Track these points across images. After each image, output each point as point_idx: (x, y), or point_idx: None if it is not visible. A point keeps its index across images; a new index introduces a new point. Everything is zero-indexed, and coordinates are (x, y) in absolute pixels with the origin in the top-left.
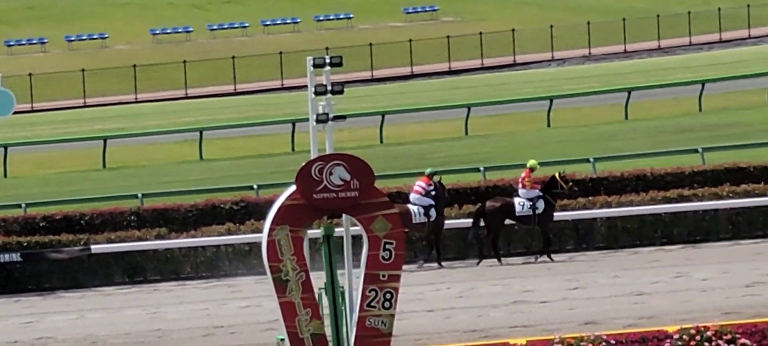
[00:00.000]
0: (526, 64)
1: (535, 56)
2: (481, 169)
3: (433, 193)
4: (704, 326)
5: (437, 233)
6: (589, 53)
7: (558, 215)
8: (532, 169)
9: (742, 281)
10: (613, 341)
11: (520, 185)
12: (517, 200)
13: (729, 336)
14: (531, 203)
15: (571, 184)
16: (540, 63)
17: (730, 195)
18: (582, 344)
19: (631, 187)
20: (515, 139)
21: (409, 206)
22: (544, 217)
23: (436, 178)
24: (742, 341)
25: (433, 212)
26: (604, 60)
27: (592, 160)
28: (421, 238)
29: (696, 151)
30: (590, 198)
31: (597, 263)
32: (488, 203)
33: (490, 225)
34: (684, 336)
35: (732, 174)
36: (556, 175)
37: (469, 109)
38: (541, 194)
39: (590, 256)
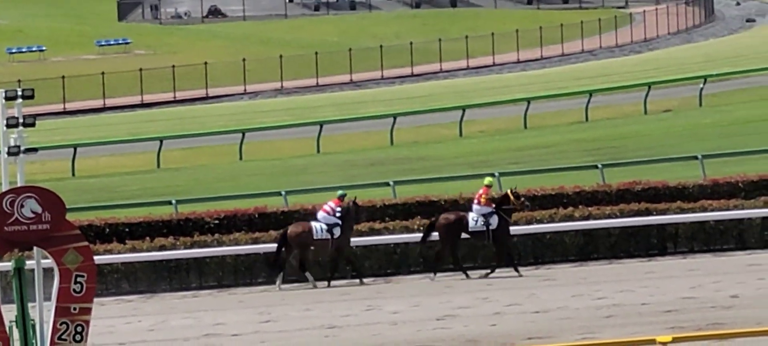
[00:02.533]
0: (218, 97)
1: (228, 89)
2: (173, 202)
3: (339, 214)
4: None
5: (340, 251)
6: (282, 87)
7: (252, 248)
8: (489, 186)
9: (433, 314)
10: None
11: (476, 202)
12: (470, 215)
13: None
14: (484, 219)
15: (522, 199)
16: (232, 96)
17: (421, 228)
18: None
19: None
20: (207, 173)
21: (313, 222)
22: (498, 232)
23: (347, 199)
24: None
25: (336, 231)
26: (297, 93)
27: (284, 193)
28: (322, 256)
29: (387, 184)
30: (282, 231)
31: (289, 296)
32: (442, 217)
33: (444, 239)
34: None
35: (423, 207)
36: (508, 191)
37: (161, 142)
38: (494, 210)
39: (282, 289)
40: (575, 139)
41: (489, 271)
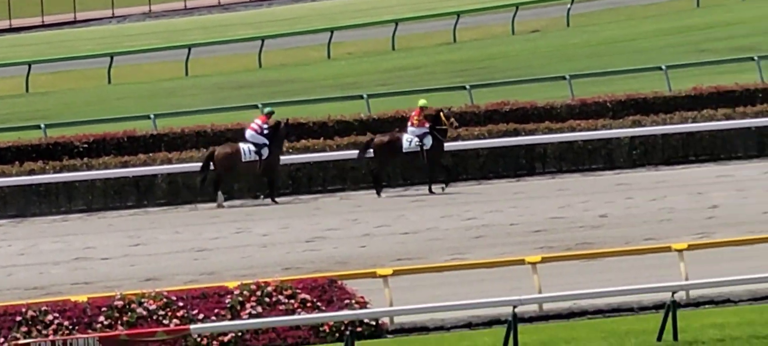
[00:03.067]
0: (86, 22)
1: (96, 13)
2: (42, 126)
3: (266, 132)
4: (265, 282)
5: (270, 170)
6: (150, 10)
7: (121, 172)
8: (422, 108)
9: (302, 236)
10: (174, 297)
11: (410, 123)
12: (404, 136)
13: (289, 291)
14: (418, 139)
15: (452, 120)
16: (101, 20)
17: (291, 151)
18: (143, 300)
19: (192, 143)
20: (76, 97)
21: (241, 144)
22: (431, 152)
23: (275, 117)
24: (302, 295)
25: (265, 151)
26: (165, 17)
27: (152, 116)
28: (253, 175)
29: (256, 106)
30: (151, 154)
31: (158, 220)
32: (377, 138)
33: (378, 159)
34: (245, 292)
35: (293, 130)
36: (441, 112)
37: (29, 66)
38: (428, 130)
39: (151, 212)
40: (443, 61)
41: (428, 188)
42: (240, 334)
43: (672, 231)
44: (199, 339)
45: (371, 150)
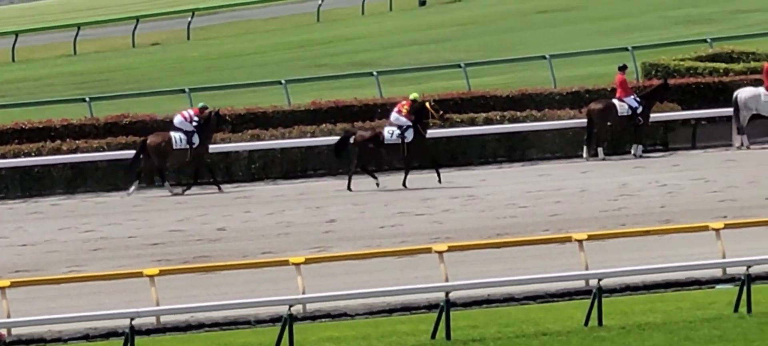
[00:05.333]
0: None
1: None
2: None
3: (195, 123)
4: None
5: (197, 160)
6: None
7: None
8: (413, 101)
9: None
10: None
11: (397, 111)
12: (386, 129)
13: None
14: (400, 132)
15: (442, 112)
16: None
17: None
18: None
19: None
20: None
21: (172, 133)
22: (412, 145)
23: (208, 110)
24: None
25: (195, 139)
26: None
27: None
28: (182, 164)
29: None
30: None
31: None
32: (359, 132)
33: (360, 152)
34: None
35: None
36: (427, 104)
37: None
38: (411, 123)
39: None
40: (63, 73)
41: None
42: None
43: (290, 245)
44: None
45: (353, 142)
